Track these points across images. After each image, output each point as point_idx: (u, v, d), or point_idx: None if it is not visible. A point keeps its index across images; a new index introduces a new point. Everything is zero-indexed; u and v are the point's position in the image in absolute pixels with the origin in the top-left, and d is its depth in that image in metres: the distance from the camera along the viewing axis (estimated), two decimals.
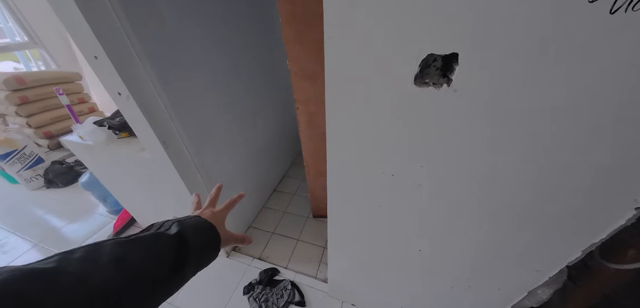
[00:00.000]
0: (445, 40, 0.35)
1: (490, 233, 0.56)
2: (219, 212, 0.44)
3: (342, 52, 0.43)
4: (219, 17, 1.11)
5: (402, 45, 0.38)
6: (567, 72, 0.33)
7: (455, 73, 0.37)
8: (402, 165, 0.53)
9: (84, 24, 0.63)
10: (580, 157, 0.39)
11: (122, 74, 0.73)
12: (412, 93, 0.42)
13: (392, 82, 0.42)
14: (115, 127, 1.09)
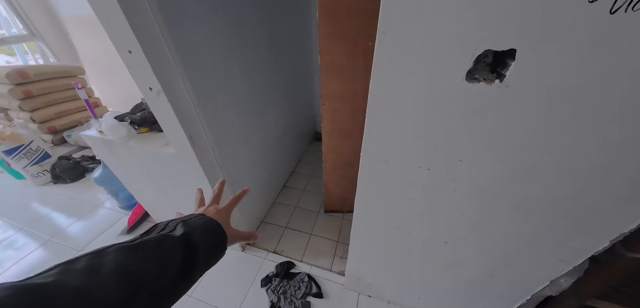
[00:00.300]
0: (504, 36, 0.37)
1: (521, 225, 0.59)
2: (223, 209, 0.42)
3: (394, 47, 0.44)
4: (246, 17, 1.13)
5: (460, 41, 0.40)
6: (616, 71, 0.35)
7: (510, 69, 0.39)
8: (441, 159, 0.56)
9: (122, 17, 0.64)
10: (628, 157, 0.41)
11: (155, 69, 0.74)
12: (462, 88, 0.44)
13: (442, 77, 0.44)
14: (136, 122, 1.09)
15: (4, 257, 1.54)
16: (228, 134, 1.16)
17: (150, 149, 1.04)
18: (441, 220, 0.69)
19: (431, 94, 0.47)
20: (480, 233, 0.67)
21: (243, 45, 1.18)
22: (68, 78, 2.63)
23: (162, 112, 0.85)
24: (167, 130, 0.91)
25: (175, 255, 0.29)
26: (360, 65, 0.77)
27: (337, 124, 0.97)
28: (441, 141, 0.53)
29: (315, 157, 2.43)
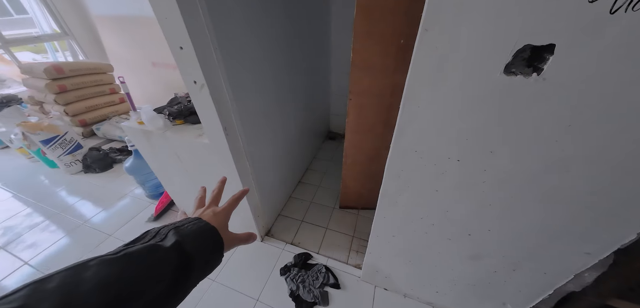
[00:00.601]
0: (544, 32, 0.41)
1: (548, 217, 0.62)
2: (221, 211, 0.41)
3: (435, 44, 0.49)
4: (276, 18, 1.21)
5: (501, 36, 0.44)
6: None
7: (548, 63, 0.43)
8: (472, 150, 0.60)
9: (179, 17, 0.71)
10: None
11: (202, 65, 0.81)
12: (499, 81, 0.48)
13: (481, 70, 0.49)
14: (173, 114, 1.18)
15: (41, 238, 1.66)
16: (256, 128, 1.24)
17: (186, 138, 1.12)
18: (467, 211, 0.73)
19: (468, 87, 0.51)
20: (506, 225, 0.70)
21: (273, 45, 1.26)
22: (98, 74, 2.80)
23: (203, 105, 0.92)
24: (205, 121, 0.98)
25: (165, 267, 0.27)
26: (390, 62, 0.82)
27: (362, 119, 1.02)
28: (474, 132, 0.57)
29: (328, 155, 2.48)
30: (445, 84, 0.53)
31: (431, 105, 0.57)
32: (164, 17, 0.73)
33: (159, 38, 2.65)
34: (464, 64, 0.50)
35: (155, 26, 2.89)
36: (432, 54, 0.51)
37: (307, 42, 1.73)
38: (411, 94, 0.58)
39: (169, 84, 2.90)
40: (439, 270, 0.97)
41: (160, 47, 2.72)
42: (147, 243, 0.28)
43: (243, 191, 0.48)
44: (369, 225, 1.65)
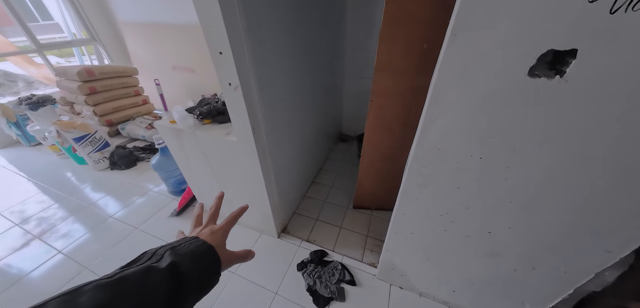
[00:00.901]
0: (568, 37, 0.45)
1: (569, 214, 0.65)
2: (219, 229, 0.40)
3: (463, 47, 0.54)
4: (302, 23, 1.30)
5: (527, 41, 0.48)
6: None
7: (570, 66, 0.48)
8: (494, 149, 0.64)
9: (221, 24, 0.79)
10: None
11: (238, 68, 0.89)
12: (524, 82, 0.52)
13: (506, 73, 0.53)
14: (203, 114, 1.27)
15: (73, 229, 1.78)
16: (278, 128, 1.31)
17: (214, 136, 1.20)
18: (488, 208, 0.76)
19: (493, 88, 0.56)
20: (526, 222, 0.73)
21: (297, 49, 1.34)
22: (125, 77, 2.97)
23: (235, 105, 1.00)
24: (236, 120, 1.06)
25: (161, 289, 0.27)
26: (412, 65, 0.87)
27: (382, 119, 1.07)
28: (497, 131, 0.61)
29: (340, 157, 2.53)
30: (471, 85, 0.58)
31: (456, 105, 0.62)
32: (209, 26, 0.82)
33: (179, 44, 2.82)
34: (490, 66, 0.54)
35: (176, 32, 3.02)
36: (459, 57, 0.56)
37: (324, 46, 1.81)
38: (437, 94, 0.63)
39: (189, 86, 3.05)
40: (456, 268, 1.00)
41: (180, 52, 2.88)
42: (143, 266, 0.28)
43: (242, 208, 0.47)
44: (383, 225, 1.70)
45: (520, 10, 0.47)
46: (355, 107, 2.66)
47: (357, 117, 2.73)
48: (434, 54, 0.84)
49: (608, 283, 0.76)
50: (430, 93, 0.64)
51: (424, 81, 0.92)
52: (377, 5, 2.00)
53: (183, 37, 2.74)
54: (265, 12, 1.00)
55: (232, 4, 0.81)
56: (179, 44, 2.83)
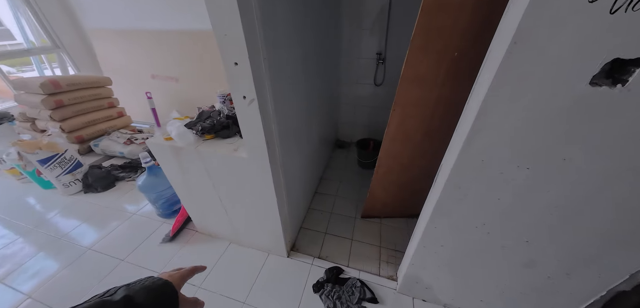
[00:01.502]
0: (633, 45, 0.44)
1: (614, 224, 0.65)
2: (176, 274, 0.42)
3: (523, 56, 0.51)
4: (309, 29, 1.23)
5: (591, 50, 0.46)
6: None
7: (634, 75, 0.46)
8: (544, 159, 0.62)
9: (240, 32, 0.70)
10: None
11: (255, 80, 0.80)
12: (583, 92, 0.51)
13: (565, 82, 0.51)
14: (205, 129, 1.14)
15: (45, 267, 1.52)
16: (289, 139, 1.22)
17: (221, 153, 1.08)
18: (528, 218, 0.74)
19: (550, 98, 0.54)
20: (568, 231, 0.72)
21: (306, 57, 1.27)
22: (97, 89, 2.67)
23: (249, 119, 0.90)
24: (248, 135, 0.96)
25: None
26: (441, 75, 0.84)
27: (404, 128, 1.04)
28: (550, 141, 0.59)
29: (340, 164, 2.48)
30: (526, 95, 0.55)
31: (509, 115, 0.59)
32: (223, 34, 0.72)
33: (158, 51, 2.61)
34: (550, 76, 0.52)
35: (153, 40, 2.82)
36: (517, 67, 0.53)
37: (326, 52, 1.76)
38: (486, 105, 0.60)
39: (172, 97, 2.82)
40: (487, 279, 0.98)
41: (158, 60, 2.66)
42: (96, 301, 0.29)
43: (202, 267, 0.49)
44: (394, 234, 1.67)
45: (588, 16, 0.45)
46: (352, 113, 2.64)
47: (353, 123, 2.71)
48: (463, 64, 0.83)
49: (638, 282, 0.77)
50: (474, 103, 0.61)
51: (451, 92, 0.91)
52: (367, 8, 1.98)
53: (161, 45, 2.53)
54: (280, 18, 0.92)
55: (250, 10, 0.72)
56: (157, 52, 2.62)
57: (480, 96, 0.60)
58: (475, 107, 0.63)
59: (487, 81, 0.58)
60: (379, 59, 2.16)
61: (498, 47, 0.56)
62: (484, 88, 0.59)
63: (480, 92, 0.61)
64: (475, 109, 0.62)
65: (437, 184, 0.86)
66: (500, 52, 0.54)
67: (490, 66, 0.58)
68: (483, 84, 0.60)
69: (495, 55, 0.56)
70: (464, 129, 0.68)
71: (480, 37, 0.72)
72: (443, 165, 0.82)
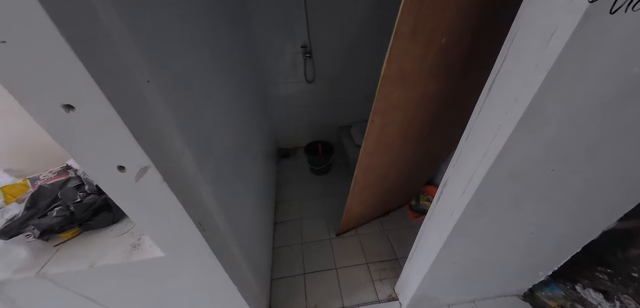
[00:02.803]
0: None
1: (609, 200, 0.62)
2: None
3: (592, 35, 0.34)
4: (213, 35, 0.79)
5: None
6: None
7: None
8: (575, 156, 0.50)
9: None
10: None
11: (136, 132, 0.37)
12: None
13: (624, 68, 0.37)
14: (53, 227, 0.58)
15: None
16: (228, 190, 0.80)
17: (108, 260, 0.57)
18: (541, 215, 0.66)
19: (607, 90, 0.40)
20: (569, 220, 0.68)
21: (218, 71, 0.84)
22: None
23: (147, 200, 0.45)
24: (157, 223, 0.51)
25: None
26: (426, 68, 0.64)
27: (383, 138, 0.82)
28: (596, 138, 0.47)
29: (291, 177, 2.16)
30: (585, 86, 0.40)
31: (557, 115, 0.43)
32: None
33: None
34: (613, 59, 0.37)
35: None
36: (583, 49, 0.35)
37: (237, 57, 1.33)
38: (536, 105, 0.42)
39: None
40: (491, 274, 0.92)
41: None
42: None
43: None
44: (374, 242, 1.50)
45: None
46: (285, 115, 2.31)
47: (289, 126, 2.40)
48: (452, 51, 0.65)
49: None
50: (517, 105, 0.42)
51: (436, 86, 0.74)
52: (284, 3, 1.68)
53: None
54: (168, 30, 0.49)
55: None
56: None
57: (532, 89, 0.41)
58: (517, 111, 0.44)
59: (543, 74, 0.39)
60: (305, 52, 1.90)
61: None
62: (535, 84, 0.40)
63: (529, 90, 0.42)
64: (521, 113, 0.43)
65: (447, 205, 0.68)
66: (572, 23, 0.34)
67: (536, 47, 0.39)
68: (535, 78, 0.40)
69: (549, 32, 0.37)
70: (485, 140, 0.50)
71: (476, 16, 0.55)
72: (452, 181, 0.65)
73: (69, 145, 0.36)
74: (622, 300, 1.17)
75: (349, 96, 2.25)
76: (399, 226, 1.61)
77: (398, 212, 1.72)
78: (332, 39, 1.88)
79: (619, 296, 1.19)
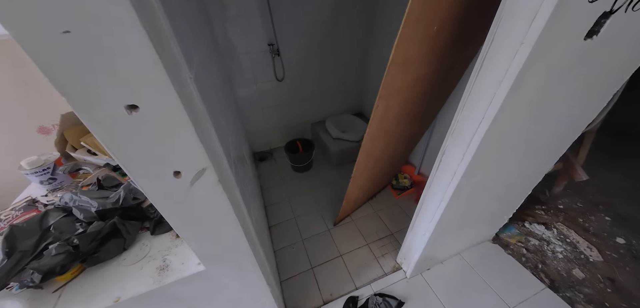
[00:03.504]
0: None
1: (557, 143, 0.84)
2: None
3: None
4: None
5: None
6: None
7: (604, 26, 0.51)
8: (542, 113, 0.67)
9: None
10: None
11: (197, 124, 0.35)
12: (584, 46, 0.53)
13: (575, 37, 0.52)
14: (54, 267, 0.47)
15: None
16: (248, 195, 0.77)
17: (143, 290, 0.50)
18: (518, 161, 0.83)
19: (559, 59, 0.54)
20: (531, 164, 0.88)
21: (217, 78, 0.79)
22: None
23: (200, 206, 0.42)
24: (206, 232, 0.47)
25: None
26: (422, 53, 0.73)
27: (383, 122, 0.89)
28: (556, 96, 0.63)
29: (274, 180, 2.11)
30: (556, 55, 0.54)
31: (536, 79, 0.56)
32: None
33: None
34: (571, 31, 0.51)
35: None
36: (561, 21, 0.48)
37: (217, 59, 1.27)
38: (522, 77, 0.54)
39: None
40: (474, 226, 1.10)
41: None
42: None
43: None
44: (369, 223, 1.62)
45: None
46: (256, 117, 2.22)
47: (266, 129, 2.34)
48: (442, 38, 0.76)
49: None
50: (509, 78, 0.54)
51: (427, 70, 0.84)
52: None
53: None
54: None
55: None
56: None
57: (518, 65, 0.53)
58: (508, 78, 0.56)
59: (528, 48, 0.50)
60: (273, 50, 1.87)
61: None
62: (522, 56, 0.52)
63: (512, 62, 0.54)
64: (509, 80, 0.55)
65: (446, 171, 0.80)
66: (546, 14, 0.46)
67: (517, 25, 0.51)
68: (525, 57, 0.52)
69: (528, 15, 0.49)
70: (480, 108, 0.62)
71: (459, 6, 0.67)
72: (451, 149, 0.77)
73: (123, 152, 0.32)
74: (557, 227, 1.53)
75: (319, 92, 2.29)
76: (386, 205, 1.75)
77: (382, 193, 1.86)
78: (299, 36, 1.89)
79: (554, 224, 1.55)
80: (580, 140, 1.39)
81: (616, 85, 0.73)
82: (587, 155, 1.47)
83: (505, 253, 1.36)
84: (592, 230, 1.45)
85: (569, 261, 1.30)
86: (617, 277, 1.21)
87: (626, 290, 1.15)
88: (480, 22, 0.76)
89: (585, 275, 1.23)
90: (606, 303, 1.11)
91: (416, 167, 1.84)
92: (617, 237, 1.40)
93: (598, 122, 1.25)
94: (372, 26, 2.04)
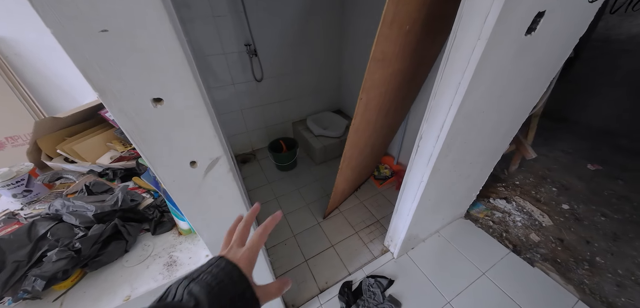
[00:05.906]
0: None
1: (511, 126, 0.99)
2: (243, 256, 0.28)
3: (511, 19, 0.58)
4: None
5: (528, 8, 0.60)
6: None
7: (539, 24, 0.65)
8: (494, 100, 0.80)
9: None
10: None
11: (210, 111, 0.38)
12: (524, 41, 0.66)
13: (515, 36, 0.64)
14: (56, 273, 0.46)
15: None
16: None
17: (154, 286, 0.50)
18: (479, 142, 0.97)
19: (508, 51, 0.66)
20: (493, 146, 1.03)
21: None
22: None
23: (212, 195, 0.45)
24: (217, 221, 0.49)
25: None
26: (396, 50, 0.82)
27: (366, 114, 0.97)
28: (504, 84, 0.76)
29: (259, 180, 2.12)
30: (503, 51, 0.66)
31: (488, 70, 0.68)
32: None
33: None
34: (508, 34, 0.63)
35: None
36: (507, 24, 0.59)
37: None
38: (481, 67, 0.65)
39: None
40: (449, 204, 1.24)
41: None
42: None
43: (274, 217, 0.33)
44: (356, 213, 1.72)
45: None
46: (236, 119, 2.20)
47: (247, 131, 2.33)
48: (413, 37, 0.86)
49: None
50: (471, 68, 0.65)
51: (401, 65, 0.94)
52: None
53: None
54: None
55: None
56: None
57: (477, 56, 0.64)
58: (470, 68, 0.66)
59: (483, 42, 0.61)
60: (250, 50, 1.86)
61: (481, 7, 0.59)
62: (479, 49, 0.63)
63: (472, 54, 0.65)
64: (470, 69, 0.66)
65: (424, 154, 0.91)
66: (495, 14, 0.57)
67: (474, 27, 0.62)
68: (478, 52, 0.63)
69: (479, 20, 0.60)
70: (449, 94, 0.73)
71: (427, 8, 0.77)
72: (427, 133, 0.87)
73: (146, 142, 0.34)
74: (515, 200, 1.76)
75: (299, 91, 2.33)
76: (370, 195, 1.86)
77: (366, 184, 1.97)
78: (276, 36, 1.90)
79: (513, 198, 1.78)
80: (528, 123, 1.63)
81: (552, 73, 0.89)
82: (535, 136, 1.71)
83: (476, 226, 1.53)
84: (542, 200, 1.70)
85: (527, 227, 1.52)
86: (564, 236, 1.45)
87: (572, 246, 1.38)
88: (443, 26, 0.88)
89: (540, 238, 1.45)
90: (558, 259, 1.32)
91: (395, 158, 1.98)
92: (563, 204, 1.66)
93: (541, 105, 1.48)
94: (347, 26, 2.13)
